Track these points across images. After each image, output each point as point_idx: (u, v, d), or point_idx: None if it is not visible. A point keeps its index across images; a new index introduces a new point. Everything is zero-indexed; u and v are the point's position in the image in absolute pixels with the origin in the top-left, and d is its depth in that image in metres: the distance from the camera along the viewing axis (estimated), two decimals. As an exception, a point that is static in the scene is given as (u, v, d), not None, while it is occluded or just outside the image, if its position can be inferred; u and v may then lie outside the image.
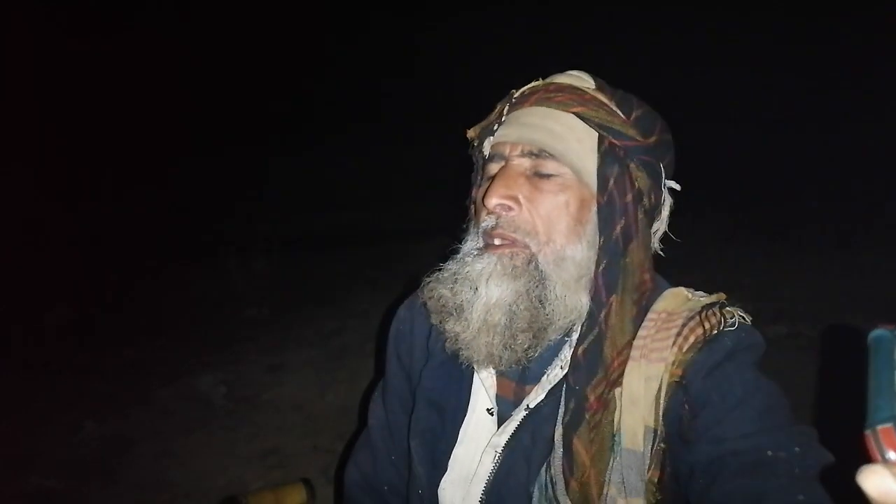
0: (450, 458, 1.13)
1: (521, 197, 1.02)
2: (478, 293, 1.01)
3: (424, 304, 1.18)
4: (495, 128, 1.09)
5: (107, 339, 4.29)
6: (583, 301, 1.02)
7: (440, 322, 1.07)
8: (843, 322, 3.69)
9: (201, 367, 3.81)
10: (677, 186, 1.12)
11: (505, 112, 1.09)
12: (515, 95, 1.10)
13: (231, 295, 4.98)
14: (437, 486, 1.13)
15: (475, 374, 1.13)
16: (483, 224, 1.05)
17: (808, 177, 6.31)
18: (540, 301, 1.00)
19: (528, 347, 1.01)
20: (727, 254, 4.87)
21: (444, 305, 1.05)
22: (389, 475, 1.31)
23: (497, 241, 1.03)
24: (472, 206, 1.17)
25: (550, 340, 1.04)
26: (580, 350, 1.01)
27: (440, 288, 1.06)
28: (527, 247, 1.02)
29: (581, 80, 1.09)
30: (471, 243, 1.08)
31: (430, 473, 1.15)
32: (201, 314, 4.71)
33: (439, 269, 1.12)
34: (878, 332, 0.54)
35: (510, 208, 1.02)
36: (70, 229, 5.75)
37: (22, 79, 6.75)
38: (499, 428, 1.10)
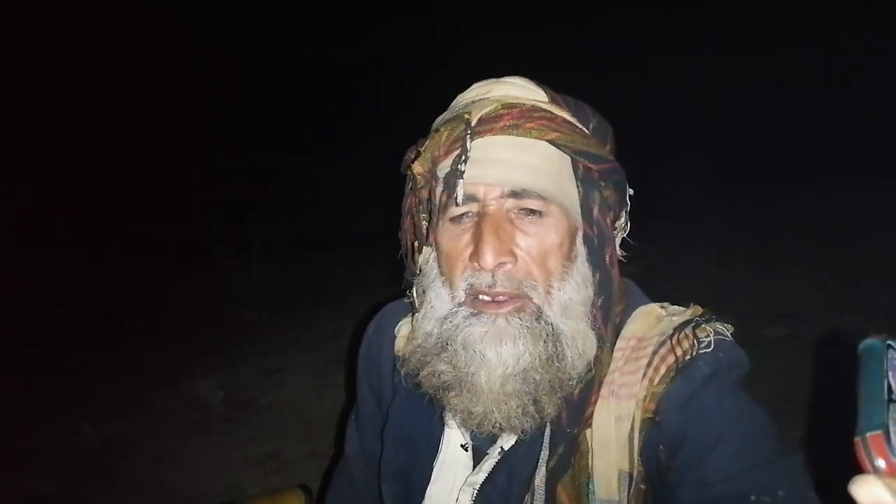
0: (424, 497, 1.05)
1: (514, 248, 0.93)
2: (486, 360, 0.91)
3: (393, 327, 1.12)
4: (461, 167, 0.94)
5: (105, 342, 4.29)
6: (592, 344, 0.96)
7: (440, 398, 0.96)
8: (842, 323, 3.69)
9: (199, 371, 3.80)
10: (632, 192, 1.06)
11: (469, 145, 0.95)
12: (473, 122, 0.96)
13: (229, 297, 4.97)
14: None
15: (446, 415, 1.04)
16: (470, 280, 0.94)
17: (809, 177, 6.31)
18: (558, 359, 0.92)
19: (555, 411, 0.93)
20: (727, 255, 4.86)
21: (444, 381, 0.94)
22: None
23: (490, 298, 0.93)
24: (414, 246, 1.07)
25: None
26: (576, 391, 0.94)
27: (435, 362, 0.95)
28: (530, 299, 0.93)
29: (529, 89, 1.00)
30: (446, 297, 0.98)
31: None
32: (199, 317, 4.70)
33: (411, 331, 1.03)
34: (869, 342, 0.55)
35: (506, 263, 0.93)
36: (68, 231, 5.74)
37: (22, 79, 6.74)
38: (475, 464, 1.04)
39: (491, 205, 0.95)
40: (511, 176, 0.94)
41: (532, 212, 0.95)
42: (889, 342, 0.54)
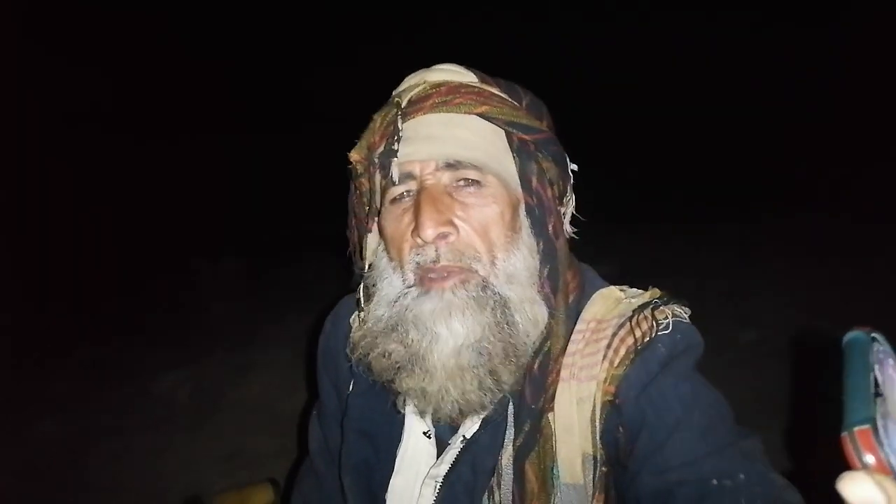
0: (387, 489, 1.04)
1: (454, 219, 0.93)
2: (437, 337, 0.90)
3: (349, 319, 1.11)
4: (395, 146, 0.96)
5: (65, 338, 4.16)
6: (542, 311, 0.96)
7: (392, 381, 0.95)
8: (812, 327, 3.74)
9: (164, 366, 3.71)
10: (575, 167, 1.07)
11: (400, 126, 0.96)
12: (403, 104, 0.97)
13: (198, 295, 4.88)
14: None
15: (400, 403, 1.03)
16: (415, 258, 0.94)
17: (780, 179, 6.40)
18: (509, 325, 0.92)
19: (514, 380, 0.93)
20: (696, 259, 4.90)
21: (395, 361, 0.93)
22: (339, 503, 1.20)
23: (436, 274, 0.92)
24: (362, 237, 1.08)
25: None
26: (536, 364, 0.94)
27: (385, 342, 0.94)
28: (474, 271, 0.93)
29: (460, 74, 1.01)
30: (397, 282, 0.97)
31: None
32: (166, 314, 4.61)
33: (361, 320, 1.02)
34: (854, 334, 0.54)
35: (447, 235, 0.93)
36: (28, 226, 5.57)
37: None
38: (437, 454, 1.03)
39: (427, 179, 0.96)
40: (443, 149, 0.95)
41: (470, 183, 0.96)
42: (874, 335, 0.53)
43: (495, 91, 0.99)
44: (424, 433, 1.05)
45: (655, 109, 8.00)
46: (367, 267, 1.07)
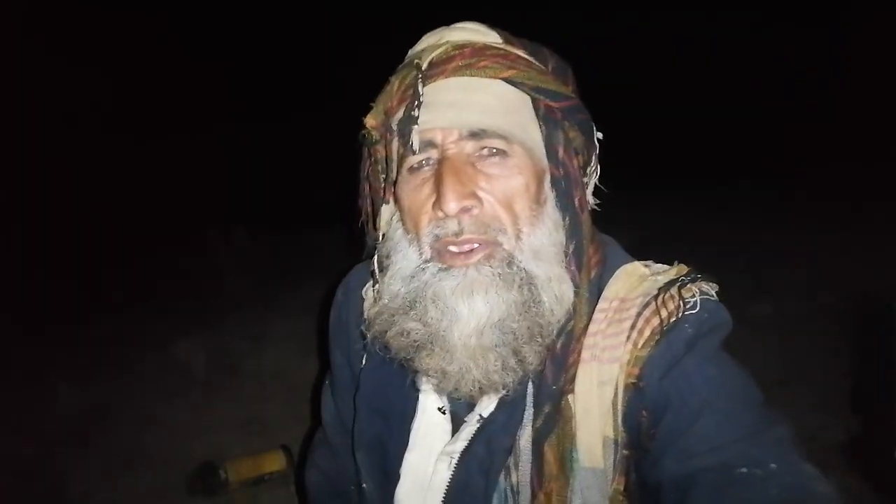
0: (401, 465, 1.02)
1: (478, 191, 0.89)
2: (458, 315, 0.86)
3: (361, 290, 1.07)
4: (415, 113, 0.90)
5: (85, 308, 4.21)
6: (568, 289, 0.91)
7: (411, 360, 0.91)
8: (826, 302, 3.71)
9: (181, 336, 3.74)
10: (601, 136, 1.01)
11: (421, 90, 0.90)
12: (424, 66, 0.91)
13: (214, 267, 4.90)
14: (392, 498, 1.02)
15: (419, 380, 1.00)
16: (435, 231, 0.89)
17: (796, 156, 6.31)
18: (535, 303, 0.88)
19: (538, 360, 0.89)
20: (714, 232, 4.85)
21: (414, 340, 0.89)
22: (352, 474, 1.17)
23: (458, 249, 0.88)
24: (377, 207, 1.03)
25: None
26: (558, 344, 0.91)
27: (403, 320, 0.90)
28: (499, 244, 0.89)
29: (483, 33, 0.95)
30: (413, 256, 0.93)
31: (382, 485, 1.05)
32: (183, 285, 4.63)
33: (376, 294, 0.98)
34: None
35: (470, 208, 0.88)
36: (55, 200, 5.61)
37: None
38: (453, 430, 1.01)
39: (450, 148, 0.90)
40: (467, 116, 0.89)
41: (494, 152, 0.91)
42: None
43: (521, 53, 0.93)
44: (439, 409, 1.02)
45: (667, 98, 7.90)
46: (380, 237, 1.03)
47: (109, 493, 2.62)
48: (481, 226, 0.88)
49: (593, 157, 1.00)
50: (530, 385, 0.93)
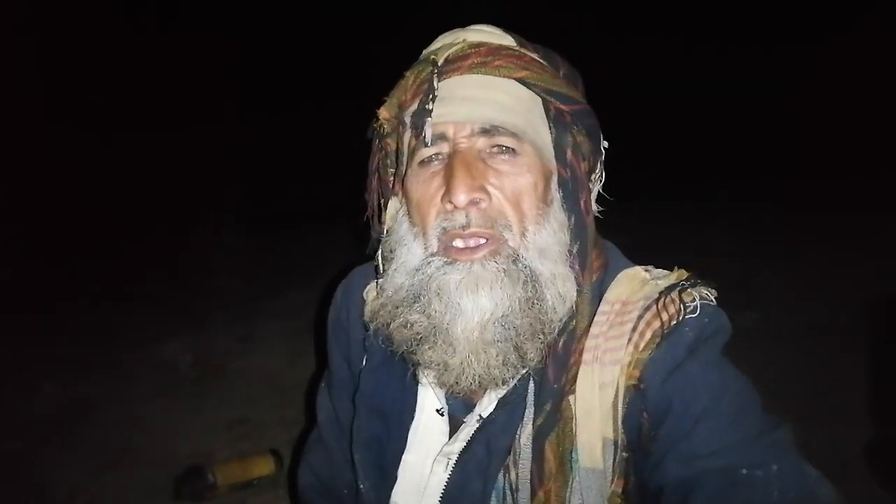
0: (399, 466, 1.03)
1: (487, 186, 0.90)
2: (461, 309, 0.87)
3: (362, 291, 1.09)
4: (429, 106, 0.92)
5: (71, 302, 4.17)
6: (571, 288, 0.93)
7: (413, 352, 0.92)
8: (814, 310, 3.74)
9: (168, 334, 3.71)
10: (607, 144, 1.04)
11: (436, 85, 0.92)
12: (440, 62, 0.93)
13: (202, 266, 4.87)
14: (388, 499, 1.03)
15: (420, 373, 1.01)
16: (443, 224, 0.91)
17: (784, 168, 6.38)
18: (538, 301, 0.89)
19: (539, 357, 0.90)
20: (701, 239, 4.89)
21: (417, 332, 0.90)
22: (347, 476, 1.18)
23: (464, 244, 0.89)
24: (381, 206, 1.04)
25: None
26: (560, 343, 0.92)
27: (406, 312, 0.91)
28: (504, 240, 0.90)
29: (498, 35, 0.97)
30: (418, 250, 0.94)
31: (378, 485, 1.06)
32: (171, 283, 4.61)
33: (379, 288, 0.98)
34: None
35: (479, 201, 0.89)
36: (43, 190, 5.54)
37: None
38: (450, 431, 1.02)
39: (462, 143, 0.92)
40: (480, 112, 0.91)
41: (504, 150, 0.92)
42: None
43: (535, 56, 0.96)
44: (437, 411, 1.03)
45: (663, 105, 7.95)
46: (385, 232, 1.04)
47: (94, 492, 2.58)
48: (488, 220, 0.90)
49: (599, 164, 1.02)
50: (531, 384, 0.94)
